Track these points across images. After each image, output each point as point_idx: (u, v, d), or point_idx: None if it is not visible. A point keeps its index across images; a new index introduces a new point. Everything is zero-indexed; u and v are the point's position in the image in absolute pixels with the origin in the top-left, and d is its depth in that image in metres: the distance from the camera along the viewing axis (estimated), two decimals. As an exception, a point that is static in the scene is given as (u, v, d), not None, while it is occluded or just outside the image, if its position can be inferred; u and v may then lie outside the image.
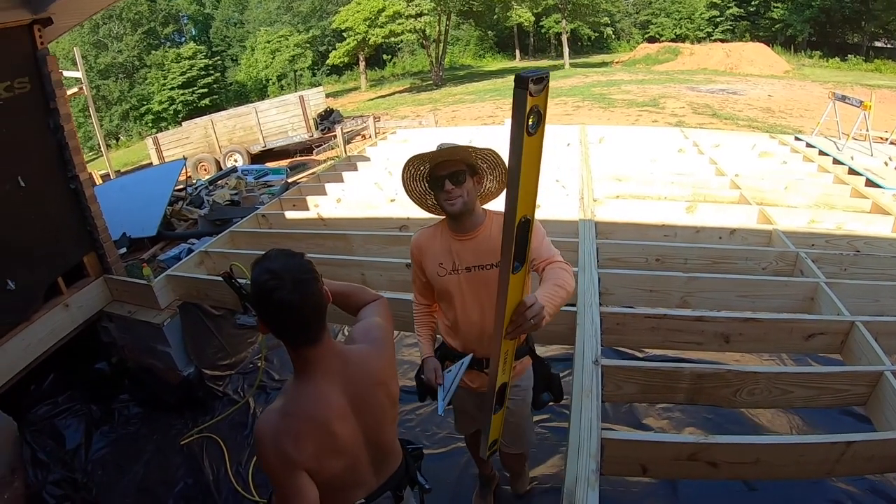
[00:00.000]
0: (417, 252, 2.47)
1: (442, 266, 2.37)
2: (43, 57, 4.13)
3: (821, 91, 19.12)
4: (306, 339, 1.59)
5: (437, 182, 2.23)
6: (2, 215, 3.92)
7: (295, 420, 1.57)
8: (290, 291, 1.49)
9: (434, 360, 2.48)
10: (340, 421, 1.63)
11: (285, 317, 1.53)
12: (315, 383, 1.61)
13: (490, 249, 2.27)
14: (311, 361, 1.61)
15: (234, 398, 4.64)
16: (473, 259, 2.32)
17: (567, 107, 19.05)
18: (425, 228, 2.52)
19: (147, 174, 11.65)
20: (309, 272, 1.55)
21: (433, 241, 2.42)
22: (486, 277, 2.30)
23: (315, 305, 1.56)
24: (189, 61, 35.48)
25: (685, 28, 39.35)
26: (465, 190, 2.21)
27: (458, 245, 2.34)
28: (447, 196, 2.21)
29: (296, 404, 1.60)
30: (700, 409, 3.79)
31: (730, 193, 5.15)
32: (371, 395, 1.71)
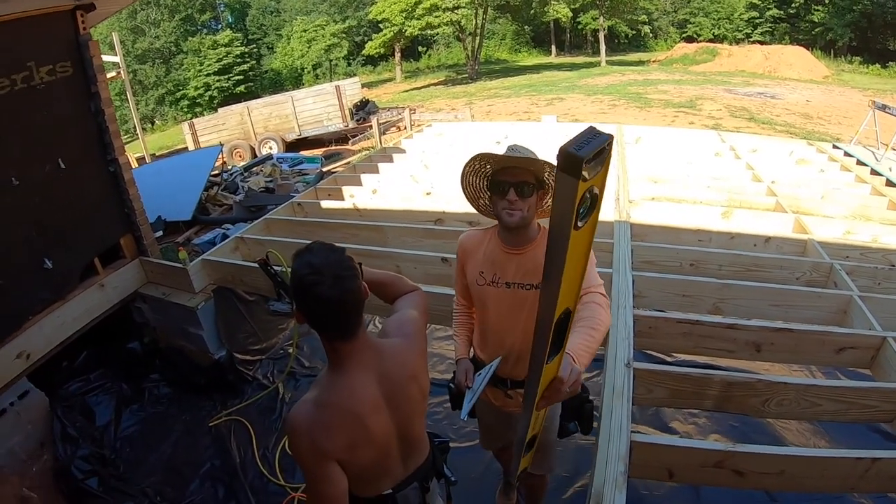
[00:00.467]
0: (462, 253, 2.40)
1: (482, 275, 2.28)
2: (85, 42, 4.20)
3: (860, 98, 18.77)
4: (343, 334, 1.62)
5: (500, 187, 2.10)
6: (41, 196, 3.99)
7: (328, 411, 1.60)
8: (330, 287, 1.51)
9: (467, 361, 2.43)
10: (373, 413, 1.65)
11: (323, 312, 1.57)
12: (349, 376, 1.64)
13: (535, 269, 2.08)
14: (345, 355, 1.64)
15: (263, 383, 4.69)
16: (516, 275, 2.21)
17: (603, 105, 18.95)
18: (474, 230, 2.45)
19: (184, 159, 11.81)
20: (349, 269, 1.58)
21: (479, 246, 2.33)
22: (525, 297, 2.20)
23: (353, 302, 1.59)
24: (225, 48, 35.74)
25: (724, 28, 38.70)
26: (527, 204, 2.10)
27: (504, 257, 2.23)
28: (508, 206, 2.09)
29: (330, 396, 1.63)
30: (726, 417, 3.78)
31: (766, 200, 5.10)
32: (403, 389, 1.73)
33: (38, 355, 3.96)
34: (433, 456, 2.00)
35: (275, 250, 4.18)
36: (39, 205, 3.98)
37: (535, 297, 1.78)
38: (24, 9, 3.71)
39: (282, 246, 4.52)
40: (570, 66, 33.04)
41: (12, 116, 3.72)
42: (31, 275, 3.97)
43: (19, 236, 3.87)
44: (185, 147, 17.70)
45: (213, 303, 4.58)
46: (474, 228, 2.48)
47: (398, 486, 1.83)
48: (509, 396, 2.41)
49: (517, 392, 2.36)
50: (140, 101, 33.66)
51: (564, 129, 9.06)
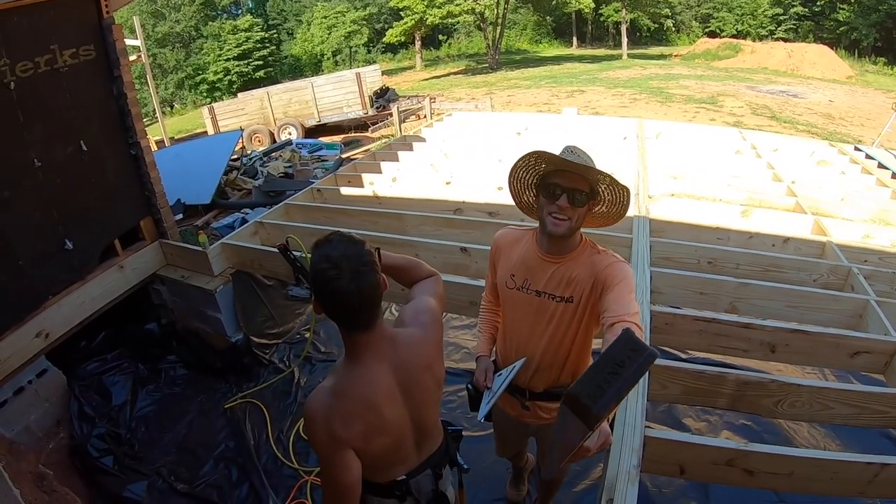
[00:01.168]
0: (496, 251, 2.32)
1: (513, 278, 2.21)
2: (108, 26, 4.22)
3: (883, 100, 18.55)
4: (360, 326, 1.65)
5: (552, 190, 1.98)
6: (63, 177, 4.03)
7: (345, 400, 1.64)
8: (349, 282, 1.53)
9: (488, 360, 2.35)
10: (389, 402, 1.69)
11: (341, 305, 1.59)
12: (366, 365, 1.67)
13: (569, 280, 2.08)
14: (362, 345, 1.67)
15: (279, 367, 4.74)
16: (547, 284, 2.12)
17: (624, 98, 18.87)
18: (512, 229, 2.35)
19: (204, 143, 11.88)
20: (368, 263, 1.59)
21: (514, 246, 2.25)
22: (552, 309, 2.13)
23: (371, 296, 1.61)
24: (245, 33, 35.84)
25: (747, 24, 38.25)
26: (577, 213, 1.99)
27: (539, 263, 2.14)
28: (557, 211, 1.97)
29: (346, 385, 1.66)
30: (738, 415, 3.81)
31: (786, 201, 5.07)
32: (418, 378, 1.76)
33: (56, 334, 4.01)
34: (446, 444, 2.03)
35: (294, 236, 4.20)
36: (61, 186, 4.02)
37: (564, 310, 2.07)
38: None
39: (301, 231, 4.55)
40: (592, 59, 32.82)
41: (36, 98, 3.76)
42: (51, 255, 4.02)
43: (41, 217, 3.92)
44: (204, 131, 17.80)
45: (231, 286, 4.61)
46: (512, 227, 2.37)
47: (411, 473, 1.87)
48: (526, 408, 2.35)
49: (534, 404, 2.33)
50: (160, 84, 33.83)
51: (585, 121, 9.04)
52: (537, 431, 2.56)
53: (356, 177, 6.14)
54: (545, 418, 2.34)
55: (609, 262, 2.02)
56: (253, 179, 9.99)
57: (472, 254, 4.01)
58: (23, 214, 3.79)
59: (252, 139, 16.15)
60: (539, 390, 2.30)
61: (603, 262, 2.02)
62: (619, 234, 4.08)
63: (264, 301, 4.98)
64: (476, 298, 3.46)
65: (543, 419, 2.35)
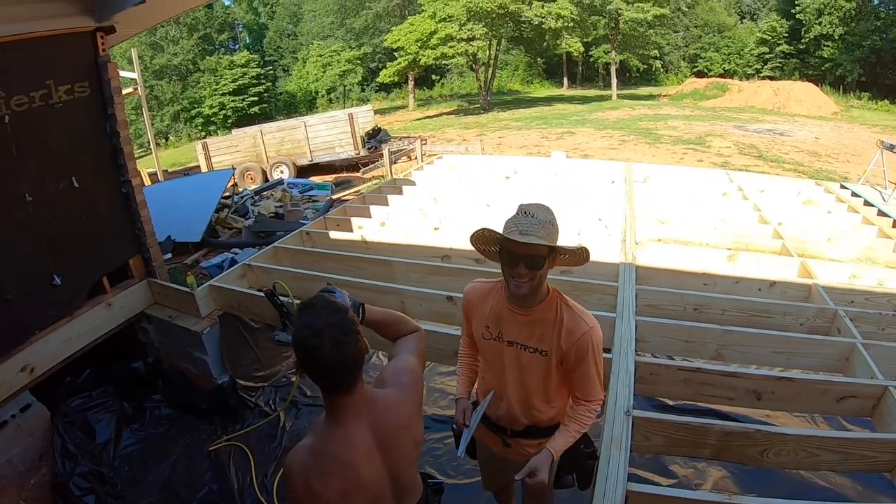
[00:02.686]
0: (468, 306, 2.41)
1: (488, 329, 2.30)
2: (104, 63, 4.30)
3: (868, 135, 18.92)
4: (339, 390, 1.69)
5: (511, 258, 2.06)
6: (54, 212, 4.06)
7: (324, 459, 1.66)
8: (329, 350, 1.58)
9: (466, 401, 2.45)
10: (366, 462, 1.71)
11: (322, 371, 1.64)
12: (344, 426, 1.70)
13: (539, 335, 2.19)
14: (342, 406, 1.70)
15: (265, 410, 4.71)
16: (518, 335, 2.23)
17: (613, 140, 19.05)
18: (480, 282, 2.43)
19: (196, 180, 11.93)
20: (349, 332, 1.62)
21: (485, 300, 2.33)
22: (526, 359, 2.23)
23: (351, 364, 1.65)
24: (241, 69, 36.25)
25: (734, 63, 39.11)
26: (538, 275, 2.07)
27: (509, 315, 2.23)
28: (517, 277, 2.06)
29: (325, 444, 1.69)
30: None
31: (772, 243, 5.11)
32: (396, 438, 1.78)
33: (42, 369, 4.00)
34: (426, 497, 2.03)
35: (282, 281, 4.21)
36: (51, 221, 4.05)
37: (538, 362, 2.20)
38: (46, 28, 3.82)
39: (289, 275, 4.56)
40: (582, 99, 33.32)
41: (29, 133, 3.81)
42: (39, 290, 4.03)
43: (30, 251, 3.94)
44: (197, 165, 17.87)
45: (218, 328, 4.60)
46: (480, 280, 2.46)
47: None
48: (507, 445, 2.46)
49: (516, 441, 2.44)
50: (155, 116, 34.15)
51: (573, 165, 9.13)
52: (521, 467, 2.47)
53: (345, 220, 6.17)
54: (529, 453, 2.33)
55: (581, 330, 2.14)
56: (244, 218, 10.01)
57: (457, 303, 3.98)
58: (12, 248, 3.82)
59: (245, 176, 16.23)
60: (519, 429, 2.42)
61: (574, 329, 2.14)
62: (605, 282, 4.11)
63: (251, 344, 4.96)
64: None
65: (526, 454, 2.36)
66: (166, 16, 5.54)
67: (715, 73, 38.09)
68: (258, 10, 46.35)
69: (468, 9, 27.22)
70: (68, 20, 4.00)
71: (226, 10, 42.58)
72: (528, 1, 28.16)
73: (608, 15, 31.78)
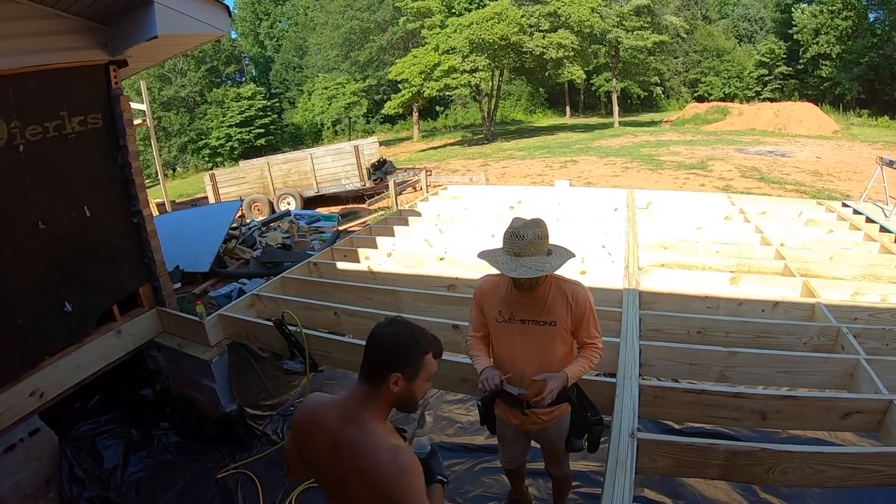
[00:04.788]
0: (480, 296, 2.80)
1: (500, 314, 2.69)
2: (116, 96, 4.42)
3: (869, 152, 19.00)
4: (361, 372, 1.82)
5: (515, 281, 2.50)
6: (66, 240, 4.14)
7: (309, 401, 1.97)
8: (385, 326, 1.81)
9: (491, 369, 2.72)
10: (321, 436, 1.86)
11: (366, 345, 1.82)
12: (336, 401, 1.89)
13: (545, 308, 2.61)
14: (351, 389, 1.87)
15: (272, 438, 4.68)
16: (529, 313, 2.63)
17: (615, 167, 19.13)
18: (490, 276, 2.83)
19: (204, 211, 12.06)
20: (415, 335, 1.81)
21: (496, 289, 2.73)
22: (537, 332, 2.64)
23: (382, 349, 1.78)
24: (248, 101, 36.79)
25: (734, 87, 39.42)
26: (539, 280, 2.52)
27: (517, 298, 2.62)
28: (521, 286, 2.52)
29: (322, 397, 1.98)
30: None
31: (774, 264, 5.15)
32: (343, 472, 1.79)
33: (51, 395, 4.04)
34: None
35: (290, 310, 4.26)
36: (63, 249, 4.13)
37: (550, 332, 2.62)
38: (61, 60, 3.94)
39: (297, 305, 4.61)
40: (584, 128, 33.53)
41: (43, 162, 3.90)
42: (50, 316, 4.08)
43: (42, 278, 4.00)
44: (204, 196, 18.04)
45: (226, 357, 4.63)
46: (491, 274, 2.81)
47: None
48: (525, 415, 2.76)
49: (532, 411, 2.74)
50: (163, 147, 34.53)
51: (577, 193, 9.20)
52: (538, 436, 3.00)
53: (352, 251, 6.23)
54: (544, 420, 2.80)
55: (582, 295, 2.63)
56: (251, 249, 10.08)
57: (463, 331, 4.02)
58: (24, 274, 3.88)
59: (252, 208, 16.37)
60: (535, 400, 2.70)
61: (577, 295, 2.62)
62: (609, 308, 4.14)
63: (259, 372, 4.98)
64: (466, 376, 3.53)
65: (542, 422, 2.81)
66: (177, 50, 5.67)
67: (715, 97, 38.38)
68: (264, 43, 47.22)
69: (470, 41, 27.49)
70: (83, 53, 4.12)
71: (233, 44, 43.32)
72: (530, 32, 28.52)
73: (608, 43, 32.12)
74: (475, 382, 3.26)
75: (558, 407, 2.78)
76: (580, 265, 5.06)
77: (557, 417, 2.82)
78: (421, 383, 1.82)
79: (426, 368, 1.81)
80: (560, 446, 2.93)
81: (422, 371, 1.80)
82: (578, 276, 4.54)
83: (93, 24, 4.14)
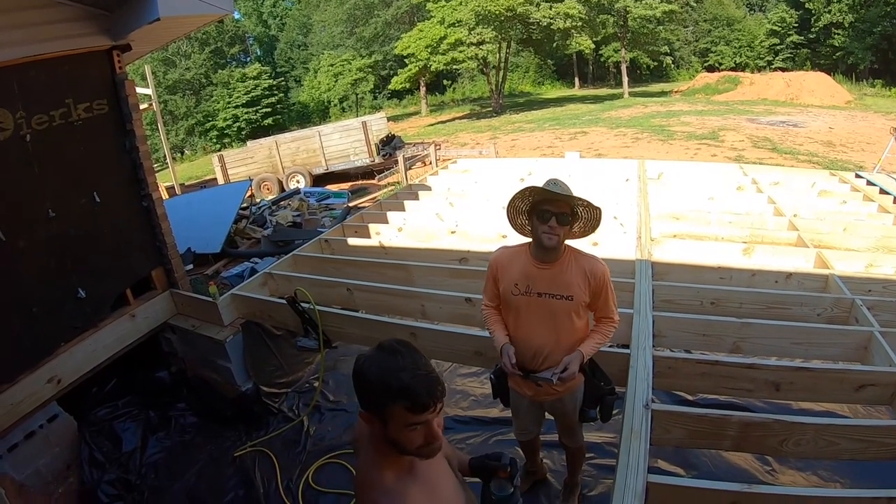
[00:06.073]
0: (496, 267, 2.78)
1: (517, 286, 2.68)
2: (121, 81, 4.40)
3: (883, 123, 18.73)
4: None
5: (544, 215, 2.51)
6: (77, 227, 4.16)
7: None
8: (377, 349, 1.53)
9: (510, 346, 2.74)
10: None
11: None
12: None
13: (564, 282, 2.62)
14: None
15: (288, 415, 4.75)
16: (546, 287, 2.63)
17: (626, 138, 18.98)
18: (507, 247, 2.85)
19: (214, 192, 12.07)
20: (383, 386, 1.48)
21: (513, 261, 2.72)
22: (553, 306, 2.64)
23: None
24: (254, 81, 36.58)
25: (745, 56, 38.81)
26: (563, 230, 2.53)
27: (536, 271, 2.64)
28: (549, 230, 2.50)
29: None
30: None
31: (787, 235, 5.11)
32: None
33: (68, 381, 4.09)
34: None
35: (302, 288, 4.28)
36: (74, 236, 4.15)
37: (567, 306, 2.63)
38: (63, 48, 3.92)
39: (309, 282, 4.63)
40: (594, 99, 33.21)
41: (51, 151, 3.91)
42: (64, 303, 4.12)
43: (54, 266, 4.04)
44: (213, 178, 18.06)
45: (241, 336, 4.67)
46: (506, 246, 2.87)
47: None
48: (539, 385, 2.76)
49: (547, 382, 2.71)
50: (170, 130, 34.49)
51: (587, 164, 9.15)
52: (552, 408, 3.01)
53: (363, 227, 6.22)
54: (557, 391, 2.81)
55: (600, 270, 2.65)
56: (262, 228, 10.11)
57: (476, 304, 4.02)
58: (37, 263, 3.91)
59: (261, 187, 16.38)
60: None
61: (594, 270, 2.64)
62: (621, 279, 4.12)
63: (273, 351, 5.03)
64: (481, 348, 3.55)
65: (556, 393, 2.83)
66: (180, 32, 5.63)
67: (726, 67, 37.86)
68: (268, 22, 46.81)
69: (476, 13, 27.14)
70: (85, 40, 4.10)
71: (236, 24, 43.00)
72: (536, 2, 28.11)
73: (616, 13, 31.57)
74: (489, 356, 3.35)
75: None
76: (592, 236, 5.03)
77: (571, 388, 2.84)
78: (400, 432, 1.49)
79: (395, 420, 1.48)
80: (574, 417, 2.95)
81: (390, 422, 1.49)
82: (591, 247, 4.51)
83: (95, 11, 4.11)
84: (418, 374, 1.46)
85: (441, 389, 1.49)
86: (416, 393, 1.44)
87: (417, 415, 1.45)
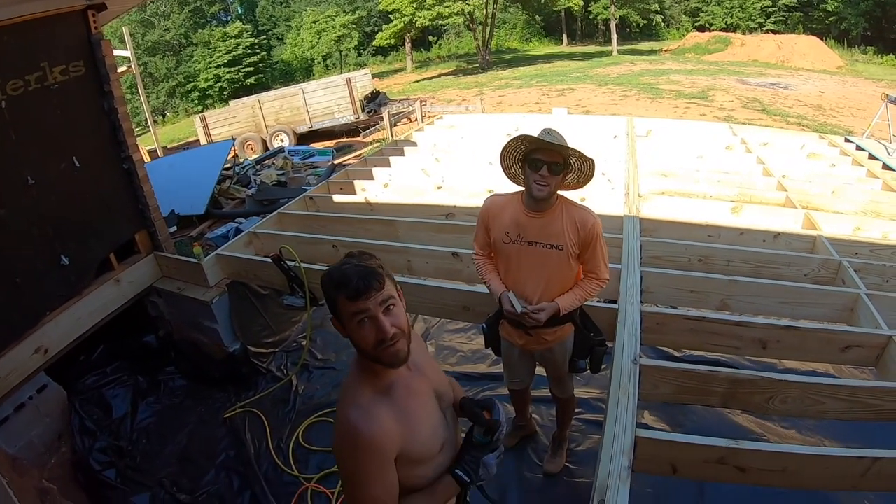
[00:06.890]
0: (486, 215, 2.78)
1: (507, 234, 2.69)
2: (97, 41, 4.23)
3: (874, 89, 18.62)
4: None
5: (536, 164, 2.49)
6: (57, 193, 4.05)
7: None
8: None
9: (508, 292, 2.75)
10: None
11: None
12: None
13: (554, 231, 2.62)
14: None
15: (277, 375, 4.76)
16: (537, 236, 2.64)
17: (614, 96, 18.89)
18: (499, 195, 2.86)
19: (196, 153, 11.89)
20: (326, 282, 1.60)
21: (504, 209, 2.72)
22: (544, 255, 2.65)
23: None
24: (235, 40, 35.77)
25: (736, 17, 38.33)
26: (555, 180, 2.52)
27: (527, 220, 2.64)
28: (540, 179, 2.49)
29: None
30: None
31: (776, 195, 5.10)
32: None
33: (55, 350, 4.03)
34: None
35: (288, 245, 4.23)
36: (55, 203, 4.04)
37: (557, 256, 2.64)
38: (35, 10, 3.74)
39: (295, 240, 4.56)
40: (582, 56, 32.90)
41: (27, 116, 3.77)
42: (47, 272, 4.03)
43: (36, 234, 3.94)
44: (196, 140, 17.81)
45: (227, 297, 4.64)
46: (498, 194, 2.88)
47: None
48: (529, 335, 2.83)
49: (536, 331, 2.81)
50: (151, 93, 33.77)
51: (575, 120, 9.07)
52: (542, 357, 3.06)
53: (348, 184, 6.14)
54: (547, 341, 2.87)
55: (590, 221, 2.63)
56: (246, 188, 10.01)
57: (463, 259, 4.02)
58: (18, 232, 3.80)
59: (245, 147, 16.17)
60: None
61: (584, 220, 2.63)
62: (609, 234, 4.08)
63: (260, 310, 5.00)
64: (469, 303, 3.53)
65: (546, 342, 2.87)
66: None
67: (717, 28, 37.43)
68: (249, -20, 45.60)
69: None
70: (58, 0, 3.93)
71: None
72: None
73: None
74: (476, 310, 3.36)
75: (562, 327, 2.84)
76: (580, 191, 5.01)
77: (561, 337, 2.88)
78: (353, 329, 1.58)
79: (343, 314, 1.57)
80: (564, 367, 2.99)
81: (342, 319, 1.58)
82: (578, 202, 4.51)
83: (68, -32, 3.93)
84: (356, 266, 1.56)
85: (379, 280, 1.56)
86: (349, 278, 1.53)
87: (354, 302, 1.53)
